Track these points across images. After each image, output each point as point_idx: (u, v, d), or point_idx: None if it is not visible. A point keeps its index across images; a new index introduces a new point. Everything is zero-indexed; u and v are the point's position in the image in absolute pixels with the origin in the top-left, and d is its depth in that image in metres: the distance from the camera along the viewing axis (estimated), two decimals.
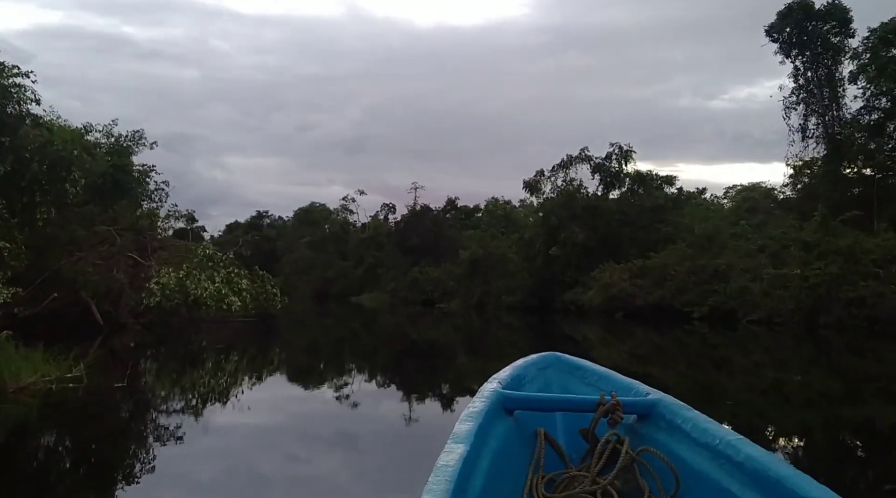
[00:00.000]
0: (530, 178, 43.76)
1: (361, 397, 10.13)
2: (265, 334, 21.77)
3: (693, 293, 31.78)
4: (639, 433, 3.00)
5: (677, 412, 2.93)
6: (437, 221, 59.25)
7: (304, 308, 46.36)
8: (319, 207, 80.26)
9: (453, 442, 2.41)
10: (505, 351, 16.85)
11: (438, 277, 52.60)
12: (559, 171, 42.98)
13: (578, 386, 3.65)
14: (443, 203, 61.76)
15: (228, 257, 21.49)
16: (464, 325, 32.16)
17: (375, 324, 32.95)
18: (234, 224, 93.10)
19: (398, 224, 60.32)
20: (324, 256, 69.46)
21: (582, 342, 20.96)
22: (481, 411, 2.77)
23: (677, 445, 2.80)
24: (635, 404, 3.09)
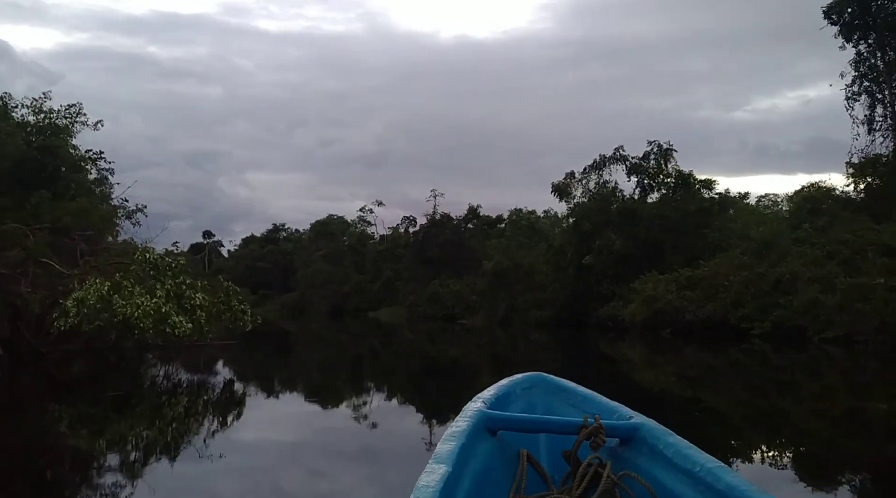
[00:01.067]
0: (559, 180, 39.49)
1: (380, 419, 9.41)
2: (269, 356, 19.97)
3: (751, 307, 27.44)
4: (621, 457, 2.99)
5: (660, 437, 2.92)
6: (457, 231, 55.15)
7: (319, 324, 44.76)
8: (337, 220, 76.84)
9: (435, 462, 2.38)
10: (533, 369, 14.20)
11: (460, 291, 48.54)
12: (591, 173, 38.71)
13: (563, 407, 3.57)
14: (464, 212, 57.63)
15: (179, 264, 17.18)
16: (488, 342, 29.30)
17: (393, 341, 30.59)
18: (249, 238, 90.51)
19: (416, 234, 56.22)
20: (340, 269, 66.14)
21: (622, 362, 19.34)
22: (464, 431, 2.75)
23: (659, 470, 2.79)
24: (618, 428, 3.05)
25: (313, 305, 65.19)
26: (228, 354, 18.64)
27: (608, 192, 37.82)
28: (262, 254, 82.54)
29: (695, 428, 7.74)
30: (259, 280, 78.27)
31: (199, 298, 15.23)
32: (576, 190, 39.23)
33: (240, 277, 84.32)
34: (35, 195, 15.65)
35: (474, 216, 56.69)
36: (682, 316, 29.16)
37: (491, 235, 54.97)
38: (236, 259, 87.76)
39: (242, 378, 14.75)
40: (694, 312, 28.92)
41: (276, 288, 75.47)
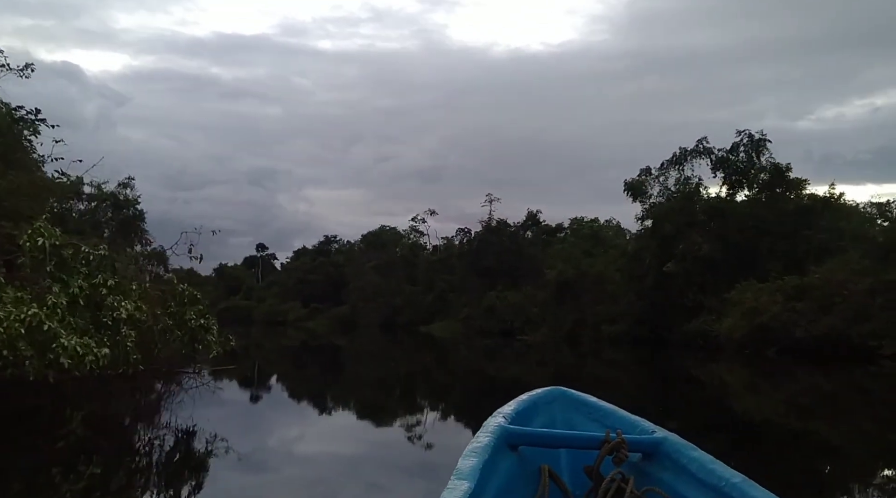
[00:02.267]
0: (632, 178, 34.51)
1: (434, 438, 8.85)
2: (321, 373, 18.63)
3: (879, 321, 22.22)
4: (644, 472, 2.93)
5: (683, 452, 2.86)
6: (515, 238, 50.31)
7: (370, 338, 42.60)
8: (389, 231, 73.09)
9: (457, 478, 2.36)
10: (605, 395, 10.41)
11: (519, 303, 43.79)
12: (670, 169, 33.62)
13: (584, 422, 3.50)
14: (522, 218, 52.66)
15: (99, 256, 12.23)
16: (552, 360, 26.00)
17: (448, 358, 28.24)
18: (301, 250, 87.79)
19: (471, 242, 51.55)
20: (392, 281, 62.34)
21: (714, 386, 17.21)
22: (485, 447, 2.71)
23: (683, 485, 2.74)
24: (641, 443, 3.00)
25: (364, 319, 61.97)
26: (279, 367, 18.24)
27: (691, 190, 32.64)
28: (313, 266, 79.59)
29: (806, 466, 7.36)
30: (310, 293, 75.73)
31: (126, 310, 11.01)
32: (651, 188, 34.23)
33: (291, 291, 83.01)
34: None
35: (534, 222, 51.66)
36: (792, 332, 23.97)
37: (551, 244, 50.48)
38: (288, 272, 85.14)
39: (295, 394, 14.74)
40: (806, 328, 23.76)
41: (328, 301, 72.49)
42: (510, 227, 50.87)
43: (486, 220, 51.09)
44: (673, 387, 17.00)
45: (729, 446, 7.76)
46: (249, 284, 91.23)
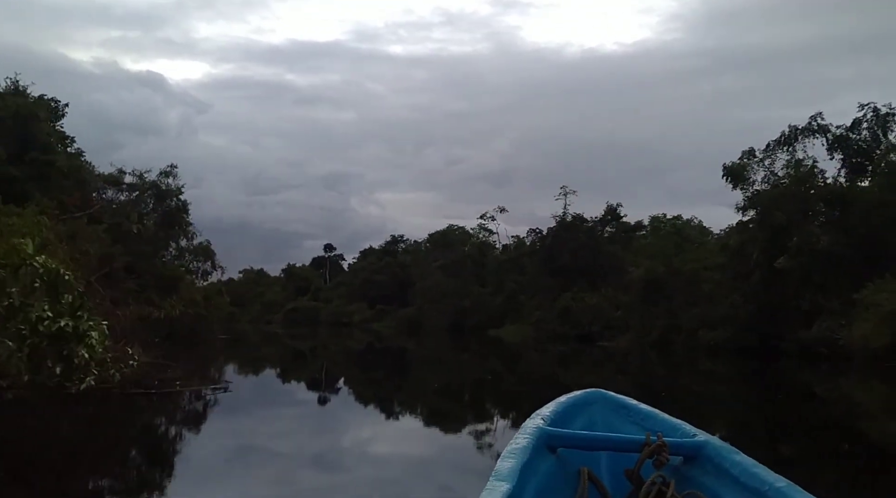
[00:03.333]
0: (733, 162, 29.93)
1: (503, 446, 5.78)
2: (388, 377, 17.61)
3: None
4: (685, 476, 2.89)
5: (725, 456, 2.81)
6: (592, 235, 46.00)
7: (437, 341, 41.06)
8: (456, 230, 69.67)
9: (495, 479, 2.32)
10: (706, 415, 11.34)
11: (597, 305, 39.57)
12: (777, 151, 28.95)
13: (623, 425, 3.42)
14: (600, 212, 48.08)
15: None
16: (638, 371, 23.13)
17: (519, 364, 25.88)
18: (368, 250, 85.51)
19: (544, 239, 47.38)
20: (459, 281, 58.97)
21: (844, 405, 14.36)
22: (524, 448, 2.68)
23: (725, 489, 2.70)
24: (682, 446, 2.95)
25: (430, 321, 59.09)
26: (346, 370, 18.33)
27: (804, 174, 27.87)
28: (379, 267, 77.19)
29: None
30: (376, 294, 73.48)
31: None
32: (755, 173, 29.60)
33: (357, 291, 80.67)
34: None
35: (613, 217, 47.13)
36: None
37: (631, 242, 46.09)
38: (354, 272, 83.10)
39: (362, 398, 14.50)
40: None
41: (394, 302, 70.07)
42: (587, 223, 46.53)
43: (560, 215, 46.88)
44: (789, 405, 14.17)
45: (859, 478, 6.84)
46: (317, 284, 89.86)
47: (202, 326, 26.14)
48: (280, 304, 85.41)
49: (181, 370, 13.01)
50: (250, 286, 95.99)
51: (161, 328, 23.70)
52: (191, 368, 15.15)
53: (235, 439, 8.52)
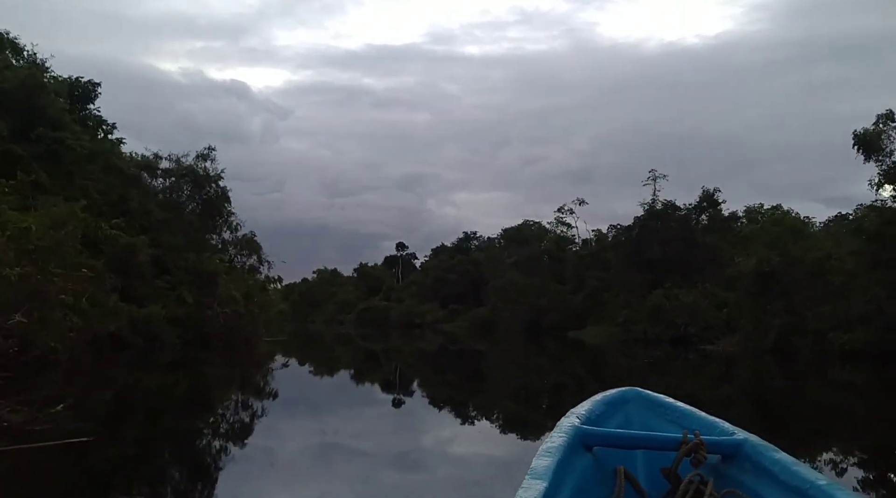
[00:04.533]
0: (865, 128, 24.64)
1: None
2: (462, 381, 16.74)
3: None
4: (723, 474, 2.83)
5: (765, 454, 2.75)
6: (686, 224, 40.71)
7: (512, 343, 37.95)
8: (532, 225, 65.33)
9: (531, 477, 2.30)
10: (842, 437, 9.99)
11: (694, 303, 34.55)
12: None
13: (660, 423, 3.38)
14: (695, 199, 42.33)
15: None
16: (750, 380, 19.21)
17: (602, 368, 23.24)
18: (439, 248, 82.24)
19: (630, 230, 42.30)
20: (535, 279, 54.87)
21: None
22: (560, 447, 2.64)
23: (765, 488, 2.64)
24: (720, 444, 2.88)
25: (505, 322, 55.34)
26: (419, 372, 17.71)
27: None
28: (451, 265, 73.78)
29: None
30: (448, 293, 70.39)
31: None
32: (893, 142, 24.25)
33: (429, 291, 77.31)
34: None
35: (710, 204, 41.49)
36: None
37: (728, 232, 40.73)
38: (426, 271, 79.98)
39: (436, 402, 13.81)
40: None
41: (467, 301, 66.76)
42: (679, 211, 41.21)
43: (648, 203, 41.75)
44: None
45: None
46: (389, 284, 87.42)
47: (244, 327, 23.10)
48: (352, 304, 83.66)
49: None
50: (324, 286, 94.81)
51: (192, 328, 20.87)
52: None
53: (320, 438, 8.63)
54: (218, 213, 24.72)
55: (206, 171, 24.51)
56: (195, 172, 24.17)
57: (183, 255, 21.46)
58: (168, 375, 16.08)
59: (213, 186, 24.56)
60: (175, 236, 21.58)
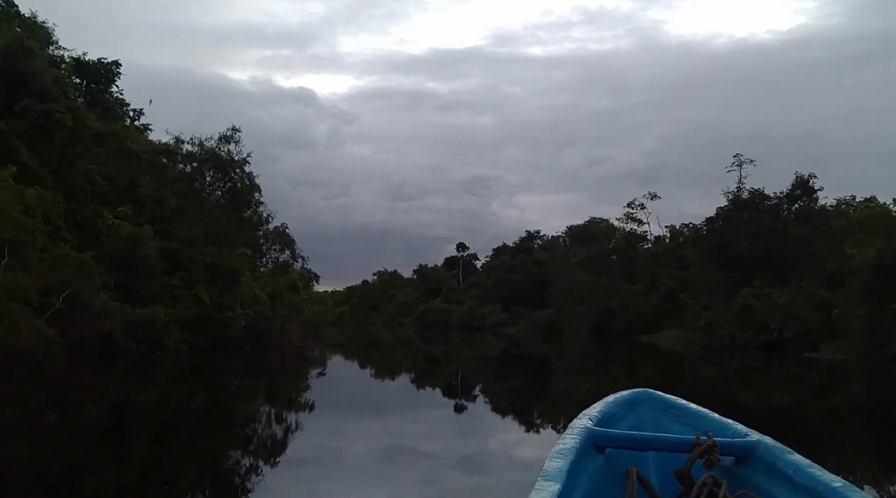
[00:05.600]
0: None
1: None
2: (524, 386, 15.59)
3: None
4: (737, 476, 2.77)
5: (779, 456, 2.71)
6: (777, 215, 35.96)
7: (579, 348, 35.28)
8: (599, 223, 61.26)
9: (543, 480, 2.26)
10: None
11: (790, 303, 30.16)
12: None
13: (672, 425, 3.30)
14: (786, 188, 37.00)
15: None
16: (868, 393, 16.41)
17: (681, 377, 20.71)
18: (501, 247, 78.68)
19: (712, 221, 37.69)
20: (603, 280, 50.95)
21: None
22: (572, 449, 2.60)
23: (779, 490, 2.60)
24: (733, 446, 2.84)
25: (571, 325, 51.72)
26: (481, 377, 17.22)
27: None
28: (513, 265, 70.29)
29: None
30: (511, 295, 66.93)
31: None
32: None
33: (490, 292, 73.55)
34: None
35: (805, 192, 35.96)
36: None
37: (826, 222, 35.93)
38: (487, 272, 76.62)
39: (500, 408, 13.36)
40: None
41: (530, 303, 63.22)
42: (769, 200, 36.41)
43: (733, 192, 37.07)
44: None
45: None
46: (450, 285, 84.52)
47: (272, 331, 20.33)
48: (412, 306, 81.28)
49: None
50: (384, 288, 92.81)
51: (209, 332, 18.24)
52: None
53: (386, 440, 8.57)
54: (245, 204, 22.09)
55: (230, 155, 21.89)
56: (217, 156, 21.59)
57: (201, 249, 18.86)
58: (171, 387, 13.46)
59: (238, 172, 21.93)
60: (192, 228, 19.02)
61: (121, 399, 11.64)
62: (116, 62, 22.60)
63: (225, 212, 21.05)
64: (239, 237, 20.99)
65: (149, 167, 19.48)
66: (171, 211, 18.59)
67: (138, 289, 16.21)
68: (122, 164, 18.52)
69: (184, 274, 18.00)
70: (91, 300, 13.53)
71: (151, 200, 18.15)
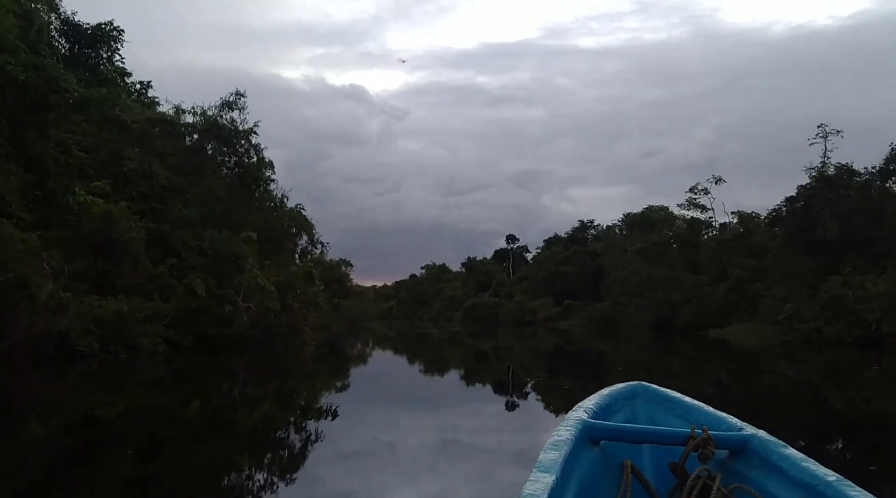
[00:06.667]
0: None
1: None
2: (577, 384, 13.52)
3: None
4: (731, 470, 2.77)
5: (773, 449, 2.69)
6: (869, 192, 31.37)
7: (638, 344, 33.07)
8: (658, 210, 56.89)
9: (539, 471, 2.26)
10: None
11: (891, 293, 25.98)
12: None
13: (667, 418, 3.31)
14: (880, 160, 31.92)
15: None
16: None
17: (757, 376, 17.84)
18: (553, 238, 74.77)
19: (794, 201, 33.17)
20: (665, 270, 47.12)
21: None
22: (567, 441, 2.58)
23: (773, 483, 2.57)
24: (728, 439, 2.83)
25: (629, 319, 48.28)
26: (534, 373, 16.34)
27: None
28: (566, 256, 66.55)
29: None
30: (563, 288, 63.39)
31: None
32: None
33: (541, 285, 69.76)
34: None
35: None
36: None
37: None
38: (538, 264, 72.97)
39: (554, 408, 12.17)
40: None
41: (584, 297, 59.75)
42: (858, 177, 31.79)
43: (817, 167, 32.53)
44: None
45: None
46: (499, 279, 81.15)
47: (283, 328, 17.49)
48: (460, 300, 78.29)
49: None
50: (432, 283, 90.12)
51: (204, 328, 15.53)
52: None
53: (439, 434, 8.44)
54: (253, 181, 19.29)
55: (234, 124, 19.10)
56: (219, 126, 18.78)
57: (198, 232, 16.13)
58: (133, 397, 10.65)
59: (245, 144, 19.11)
60: (188, 208, 16.33)
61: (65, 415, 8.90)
62: (117, 29, 20.16)
63: (229, 190, 18.31)
64: (248, 220, 18.31)
65: (140, 139, 16.90)
66: (164, 189, 15.93)
67: (116, 278, 13.61)
68: (107, 135, 15.98)
69: (175, 261, 15.30)
70: (37, 290, 10.93)
71: (138, 175, 15.52)
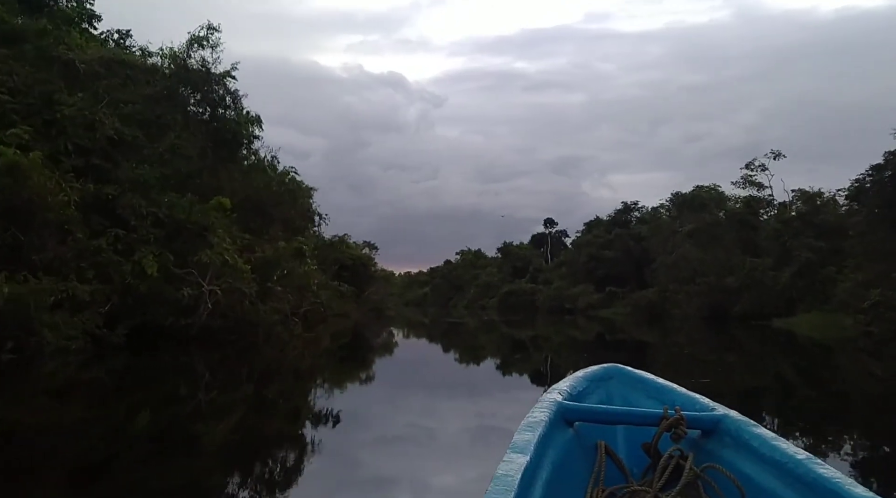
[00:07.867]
0: None
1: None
2: None
3: None
4: (703, 449, 2.82)
5: (744, 429, 2.72)
6: None
7: (688, 334, 30.21)
8: (707, 190, 52.24)
9: (512, 451, 2.25)
10: None
11: None
12: None
13: (640, 399, 3.35)
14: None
15: None
16: None
17: (830, 373, 15.14)
18: (594, 221, 70.35)
19: (881, 170, 28.31)
20: (718, 253, 42.99)
21: None
22: (541, 422, 2.59)
23: (744, 462, 2.61)
24: (700, 419, 2.87)
25: (679, 307, 44.55)
26: (571, 364, 14.02)
27: None
28: (608, 240, 62.43)
29: None
30: (605, 274, 59.52)
31: None
32: None
33: (581, 271, 65.35)
34: None
35: None
36: None
37: None
38: (578, 248, 68.79)
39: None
40: None
41: (628, 283, 55.99)
42: None
43: None
44: None
45: None
46: (537, 264, 77.16)
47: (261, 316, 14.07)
48: (496, 286, 74.64)
49: None
50: (467, 269, 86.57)
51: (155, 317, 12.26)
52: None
53: (478, 421, 8.30)
54: (232, 137, 15.75)
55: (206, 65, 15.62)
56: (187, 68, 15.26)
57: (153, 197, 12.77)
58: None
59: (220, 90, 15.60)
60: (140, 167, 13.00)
61: None
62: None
63: (201, 149, 14.82)
64: (225, 186, 14.89)
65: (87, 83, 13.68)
66: (111, 142, 12.62)
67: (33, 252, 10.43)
68: (43, 76, 12.80)
69: (121, 232, 12.05)
70: None
71: (76, 124, 12.27)
